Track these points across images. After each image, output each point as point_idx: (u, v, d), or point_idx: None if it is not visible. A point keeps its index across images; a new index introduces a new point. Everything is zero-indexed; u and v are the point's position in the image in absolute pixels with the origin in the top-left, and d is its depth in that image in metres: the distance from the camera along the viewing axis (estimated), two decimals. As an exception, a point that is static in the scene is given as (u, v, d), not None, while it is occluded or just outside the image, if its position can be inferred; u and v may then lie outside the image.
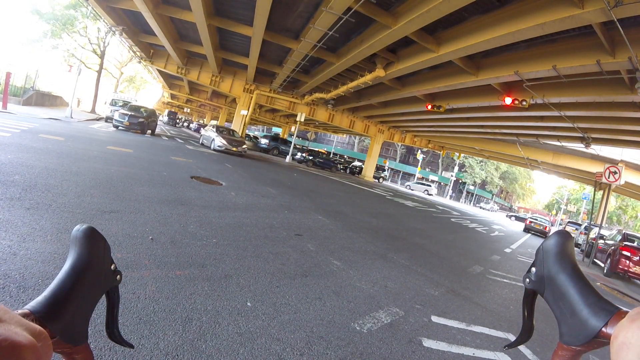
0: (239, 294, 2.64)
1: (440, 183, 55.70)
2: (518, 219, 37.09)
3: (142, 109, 17.15)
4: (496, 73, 10.11)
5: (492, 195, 61.18)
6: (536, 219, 21.87)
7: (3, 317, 0.23)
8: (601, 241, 12.20)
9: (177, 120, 45.84)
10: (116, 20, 16.10)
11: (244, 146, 17.29)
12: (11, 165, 4.62)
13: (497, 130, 19.33)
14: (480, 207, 51.10)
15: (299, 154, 25.84)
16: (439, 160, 55.98)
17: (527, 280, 0.44)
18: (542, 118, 13.93)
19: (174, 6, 13.38)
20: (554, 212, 60.56)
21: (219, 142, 15.92)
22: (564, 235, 0.42)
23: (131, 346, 0.46)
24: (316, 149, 31.62)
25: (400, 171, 54.18)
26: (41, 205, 3.43)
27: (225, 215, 4.89)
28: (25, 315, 0.31)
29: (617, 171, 10.68)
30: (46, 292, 0.34)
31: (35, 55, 30.10)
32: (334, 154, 41.82)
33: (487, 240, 11.03)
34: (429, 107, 14.86)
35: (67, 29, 25.60)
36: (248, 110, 22.55)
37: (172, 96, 44.28)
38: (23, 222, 2.91)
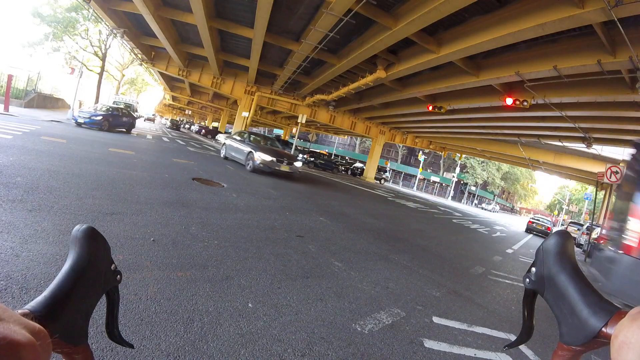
0: (240, 295, 2.64)
1: (441, 184, 55.67)
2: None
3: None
4: (497, 73, 10.10)
5: (494, 195, 61.04)
6: (538, 219, 21.70)
7: (2, 316, 0.23)
8: None
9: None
10: (117, 22, 16.19)
11: (298, 164, 12.23)
12: (13, 168, 4.64)
13: (498, 131, 19.30)
14: (482, 208, 51.00)
15: (301, 155, 25.84)
16: (441, 161, 55.89)
17: (527, 280, 0.44)
18: (543, 118, 13.90)
19: (175, 8, 13.44)
20: (555, 212, 60.42)
21: (261, 157, 11.05)
22: (564, 235, 0.42)
23: (131, 346, 0.46)
24: (317, 151, 31.68)
25: (402, 172, 54.14)
26: (43, 207, 3.44)
27: (226, 216, 4.89)
28: (24, 315, 0.31)
29: (619, 171, 10.62)
30: (46, 292, 0.34)
31: (36, 58, 30.37)
32: (335, 155, 41.82)
33: (489, 241, 10.99)
34: (430, 108, 14.85)
35: (69, 32, 25.78)
36: (249, 112, 22.59)
37: (174, 98, 44.34)
38: (25, 224, 2.92)
